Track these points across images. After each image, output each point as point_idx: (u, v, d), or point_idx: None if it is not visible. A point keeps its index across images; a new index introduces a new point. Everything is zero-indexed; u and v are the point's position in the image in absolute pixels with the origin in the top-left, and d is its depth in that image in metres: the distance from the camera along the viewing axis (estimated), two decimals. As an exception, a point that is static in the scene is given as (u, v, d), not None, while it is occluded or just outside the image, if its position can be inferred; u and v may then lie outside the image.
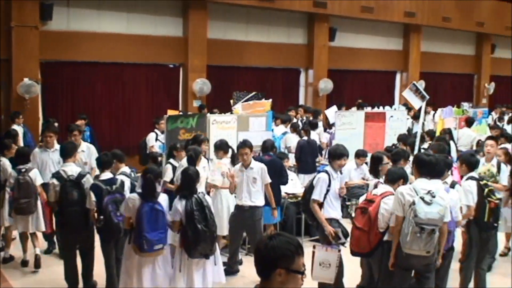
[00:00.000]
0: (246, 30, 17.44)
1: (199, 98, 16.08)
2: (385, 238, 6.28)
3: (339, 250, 6.78)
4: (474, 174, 7.20)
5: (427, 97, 9.80)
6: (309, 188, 7.22)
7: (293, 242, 3.02)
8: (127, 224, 6.41)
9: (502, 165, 8.37)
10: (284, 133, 12.92)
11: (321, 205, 7.03)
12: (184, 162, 8.21)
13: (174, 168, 8.44)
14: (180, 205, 6.32)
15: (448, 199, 5.99)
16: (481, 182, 7.07)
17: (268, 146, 9.47)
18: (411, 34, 21.50)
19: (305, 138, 12.16)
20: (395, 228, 6.11)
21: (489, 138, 9.15)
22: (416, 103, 10.13)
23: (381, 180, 7.40)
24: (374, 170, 7.85)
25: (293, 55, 18.51)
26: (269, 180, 8.02)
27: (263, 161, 8.52)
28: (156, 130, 12.16)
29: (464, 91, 24.66)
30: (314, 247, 6.74)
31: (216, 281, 6.77)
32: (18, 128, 12.00)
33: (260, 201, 7.92)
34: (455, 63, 23.76)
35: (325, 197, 7.01)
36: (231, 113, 11.61)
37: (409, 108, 16.96)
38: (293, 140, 12.53)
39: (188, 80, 15.99)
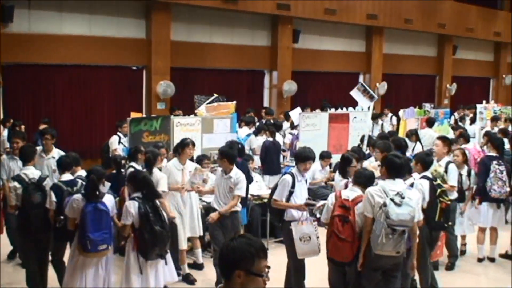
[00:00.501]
0: (209, 32, 17.41)
1: (163, 101, 16.00)
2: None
3: (315, 220, 6.90)
4: (428, 173, 7.31)
5: (376, 97, 9.91)
6: (274, 189, 7.24)
7: (255, 245, 3.03)
8: (71, 225, 6.41)
9: (450, 166, 8.33)
10: (249, 135, 12.94)
11: None
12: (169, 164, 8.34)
13: (137, 171, 8.37)
14: (133, 208, 6.29)
15: (416, 199, 6.10)
16: (435, 182, 7.19)
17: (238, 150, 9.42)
18: (374, 36, 21.74)
19: (270, 139, 12.20)
20: (365, 229, 6.12)
21: (438, 138, 9.11)
22: (365, 103, 10.27)
23: (350, 180, 7.47)
24: (343, 171, 7.93)
25: (257, 57, 18.56)
26: (241, 194, 7.57)
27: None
28: (119, 133, 12.05)
29: (426, 92, 25.03)
30: (290, 224, 6.86)
31: (169, 281, 6.84)
32: (5, 132, 12.08)
33: (237, 206, 7.70)
34: (417, 64, 24.12)
35: (288, 199, 7.00)
36: (195, 115, 11.57)
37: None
38: (258, 141, 12.58)
39: (151, 82, 15.89)
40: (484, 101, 18.16)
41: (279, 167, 11.83)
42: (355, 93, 10.28)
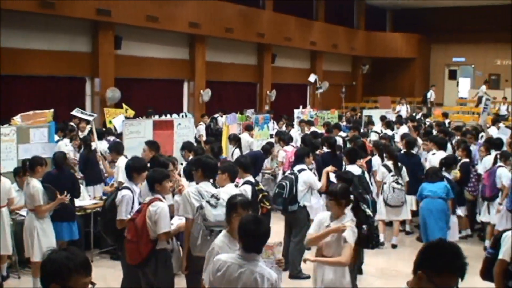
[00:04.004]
0: (25, 37, 16.47)
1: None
2: (159, 246, 6.09)
3: None
4: (250, 178, 7.50)
5: (88, 114, 12.74)
6: (109, 208, 6.77)
7: (75, 260, 2.93)
8: None
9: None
10: (57, 141, 12.46)
11: None
12: None
13: None
14: None
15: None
16: (257, 187, 7.44)
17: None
18: (196, 44, 21.98)
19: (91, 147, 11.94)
20: (185, 232, 6.15)
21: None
22: (88, 117, 12.46)
23: None
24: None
25: (77, 64, 17.91)
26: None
27: (51, 175, 8.34)
28: None
29: (248, 98, 25.80)
30: None
31: None
32: None
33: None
34: (239, 72, 24.82)
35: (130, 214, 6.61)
36: (10, 124, 10.89)
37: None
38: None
39: (-40, 92, 14.71)
40: (301, 106, 19.09)
41: (101, 176, 11.53)
42: (76, 112, 12.14)
